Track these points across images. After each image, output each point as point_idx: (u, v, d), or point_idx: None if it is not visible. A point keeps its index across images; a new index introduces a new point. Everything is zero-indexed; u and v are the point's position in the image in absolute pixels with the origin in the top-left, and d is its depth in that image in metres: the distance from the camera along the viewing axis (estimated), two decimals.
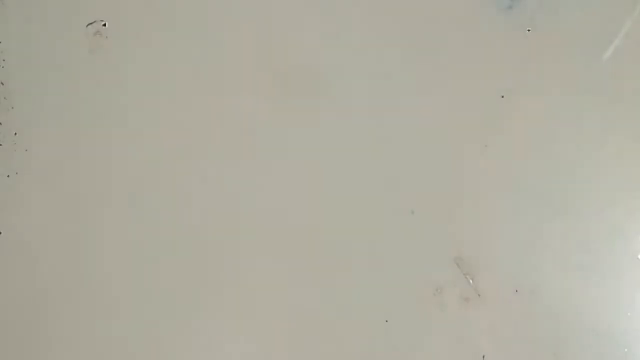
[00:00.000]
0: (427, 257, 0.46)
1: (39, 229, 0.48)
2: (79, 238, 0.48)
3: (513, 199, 0.46)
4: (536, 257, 0.46)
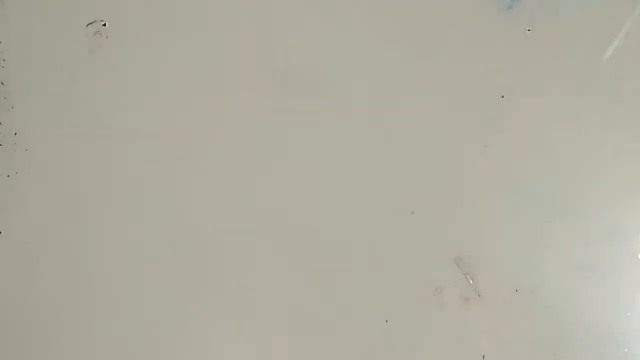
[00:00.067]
0: (427, 257, 0.46)
1: (39, 229, 0.48)
2: (79, 238, 0.48)
3: (513, 199, 0.46)
4: (536, 257, 0.46)
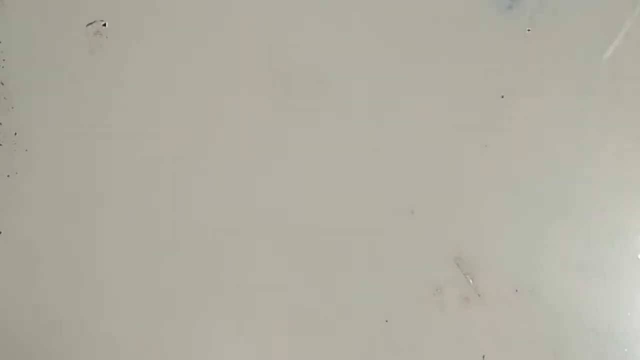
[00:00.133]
0: (427, 257, 0.46)
1: (39, 229, 0.48)
2: (79, 238, 0.48)
3: (513, 199, 0.46)
4: (536, 257, 0.46)
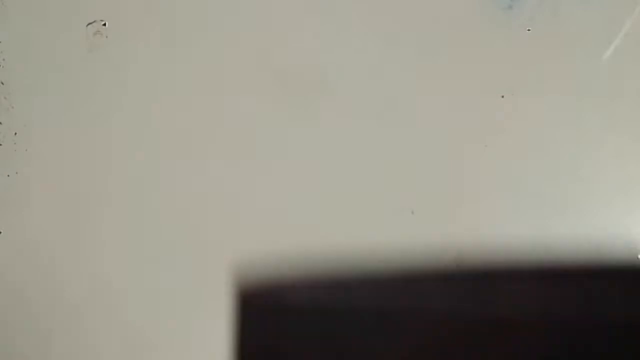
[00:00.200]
0: (427, 257, 0.46)
1: (39, 229, 0.48)
2: (79, 238, 0.48)
3: (513, 199, 0.46)
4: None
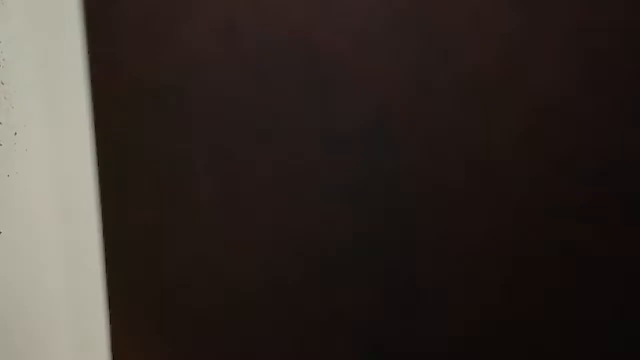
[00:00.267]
0: None
1: (39, 229, 0.48)
2: (79, 238, 0.48)
3: None
4: None
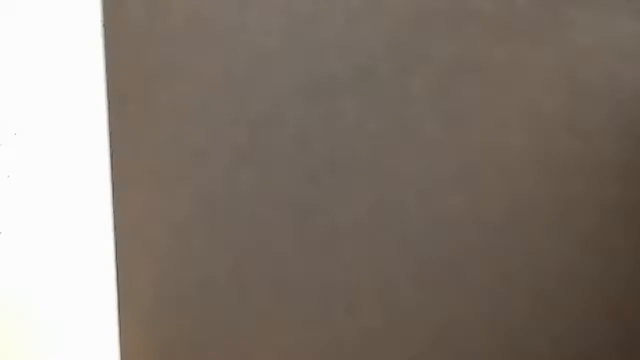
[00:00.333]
0: None
1: (39, 229, 0.48)
2: (79, 238, 0.48)
3: None
4: None
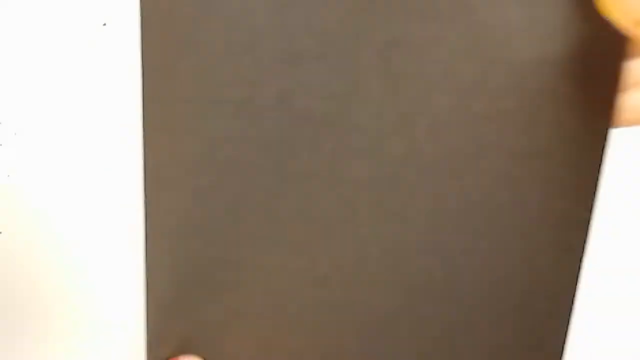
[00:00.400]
0: None
1: (39, 229, 0.48)
2: (79, 238, 0.48)
3: None
4: None
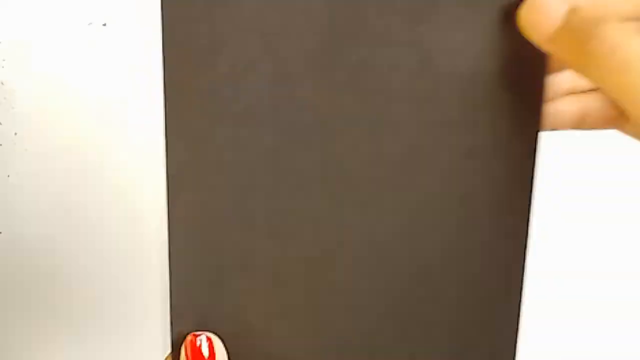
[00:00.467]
0: None
1: (39, 229, 0.48)
2: (79, 238, 0.48)
3: None
4: None
